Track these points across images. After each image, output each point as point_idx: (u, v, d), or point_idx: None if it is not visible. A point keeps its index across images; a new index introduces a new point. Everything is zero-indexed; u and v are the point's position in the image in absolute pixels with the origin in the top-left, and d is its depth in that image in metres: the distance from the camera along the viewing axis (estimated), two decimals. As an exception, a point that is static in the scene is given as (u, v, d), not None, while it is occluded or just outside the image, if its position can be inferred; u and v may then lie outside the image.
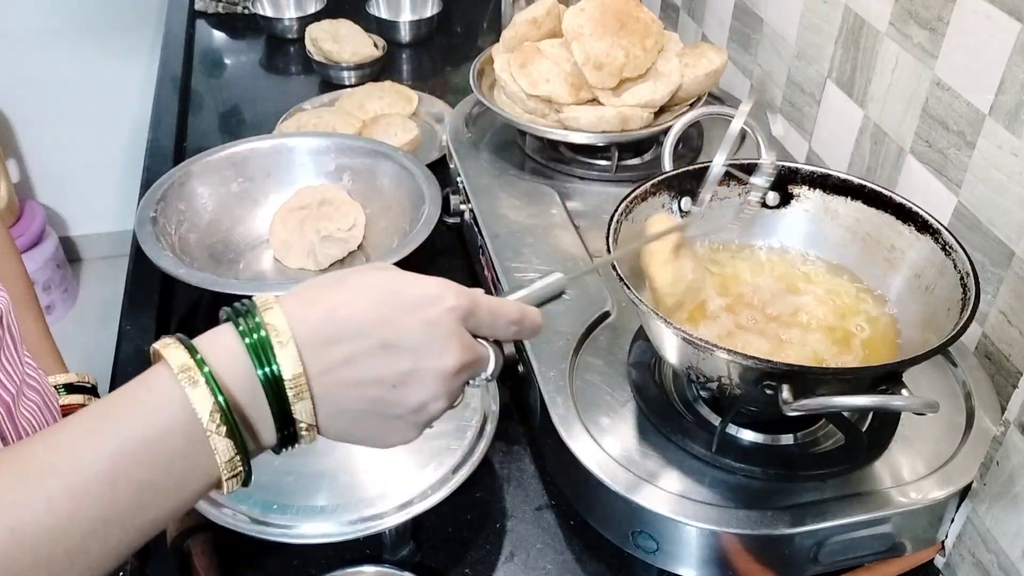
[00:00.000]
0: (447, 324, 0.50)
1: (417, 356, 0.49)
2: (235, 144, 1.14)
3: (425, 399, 0.50)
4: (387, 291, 0.49)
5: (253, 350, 0.46)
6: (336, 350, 0.47)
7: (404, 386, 0.49)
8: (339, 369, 0.48)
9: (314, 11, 1.70)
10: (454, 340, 0.50)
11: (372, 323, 0.48)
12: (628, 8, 1.02)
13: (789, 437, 0.75)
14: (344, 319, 0.48)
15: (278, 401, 0.47)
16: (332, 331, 0.47)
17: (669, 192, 0.81)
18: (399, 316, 0.48)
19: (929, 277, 0.73)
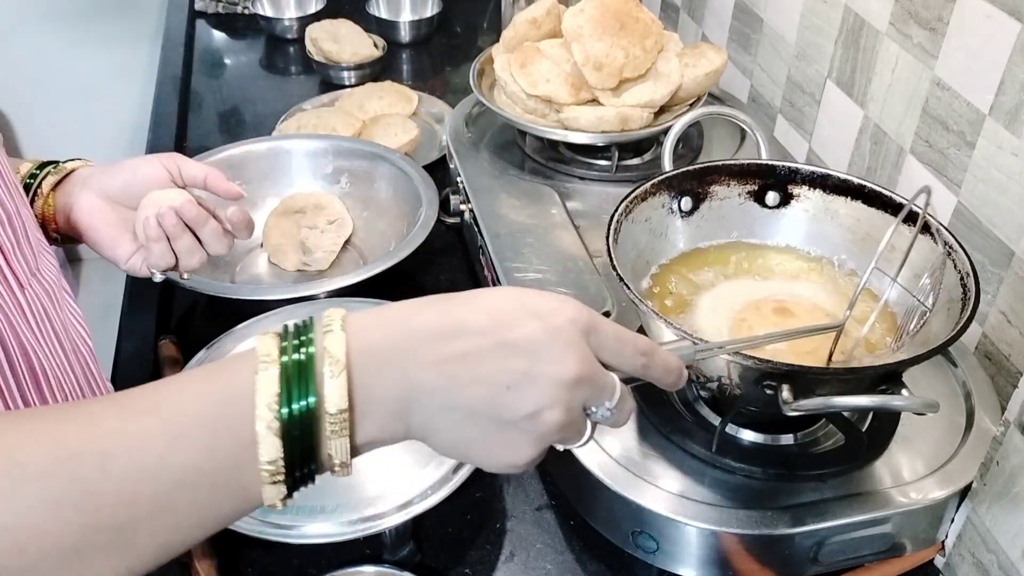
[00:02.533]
0: (569, 333, 0.48)
1: (535, 359, 0.47)
2: (232, 146, 1.14)
3: (539, 405, 0.47)
4: (509, 297, 0.49)
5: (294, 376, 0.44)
6: (454, 343, 0.46)
7: (518, 388, 0.47)
8: (454, 362, 0.46)
9: (314, 11, 1.70)
10: (574, 349, 0.48)
11: (492, 323, 0.47)
12: (628, 8, 1.02)
13: (789, 437, 0.75)
14: (463, 316, 0.47)
15: None
16: (450, 325, 0.47)
17: (669, 192, 0.81)
18: (520, 319, 0.48)
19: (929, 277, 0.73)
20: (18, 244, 0.67)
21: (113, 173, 0.81)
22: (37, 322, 0.68)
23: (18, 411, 0.50)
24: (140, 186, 0.80)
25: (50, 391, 0.67)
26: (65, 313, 0.73)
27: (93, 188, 0.80)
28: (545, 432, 0.48)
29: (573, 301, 0.50)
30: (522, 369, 0.47)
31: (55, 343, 0.70)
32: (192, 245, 0.80)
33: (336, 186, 1.16)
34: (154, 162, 0.81)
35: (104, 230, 0.81)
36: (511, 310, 0.48)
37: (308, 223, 1.10)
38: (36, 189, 0.80)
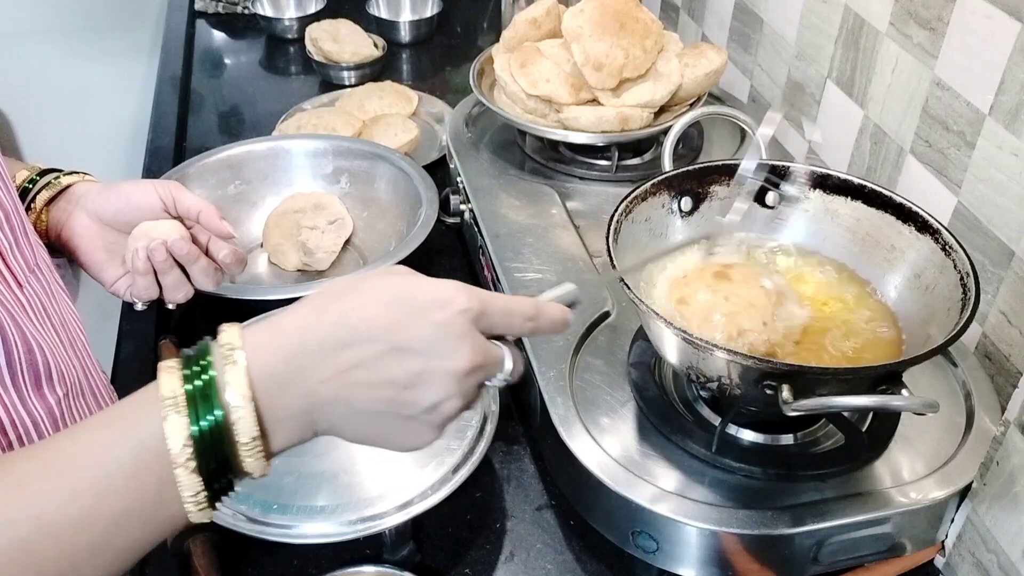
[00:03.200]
0: (458, 326, 0.50)
1: (428, 357, 0.50)
2: (232, 146, 1.14)
3: (437, 399, 0.51)
4: (399, 295, 0.50)
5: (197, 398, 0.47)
6: (348, 353, 0.49)
7: (416, 387, 0.50)
8: (351, 371, 0.49)
9: (314, 11, 1.70)
10: (465, 341, 0.50)
11: (383, 327, 0.49)
12: (628, 8, 1.02)
13: (789, 437, 0.75)
14: (355, 324, 0.49)
15: None
16: (343, 335, 0.49)
17: (669, 192, 0.81)
18: (410, 319, 0.49)
19: (929, 277, 0.73)
20: (16, 242, 0.67)
21: (107, 197, 0.80)
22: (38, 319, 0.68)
23: None
24: (133, 213, 0.79)
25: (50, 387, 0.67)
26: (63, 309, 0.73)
27: (87, 209, 0.80)
28: (445, 418, 0.52)
29: (462, 289, 0.51)
30: (416, 369, 0.49)
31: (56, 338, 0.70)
32: (179, 280, 0.80)
33: (336, 186, 1.16)
34: (149, 189, 0.80)
35: (93, 253, 0.81)
36: (402, 311, 0.50)
37: (308, 223, 1.10)
38: (30, 202, 0.79)
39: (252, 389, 0.47)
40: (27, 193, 0.79)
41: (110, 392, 0.80)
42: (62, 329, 0.72)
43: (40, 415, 0.65)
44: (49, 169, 0.82)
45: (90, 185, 0.82)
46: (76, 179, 0.82)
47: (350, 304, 0.50)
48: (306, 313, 0.50)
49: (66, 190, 0.81)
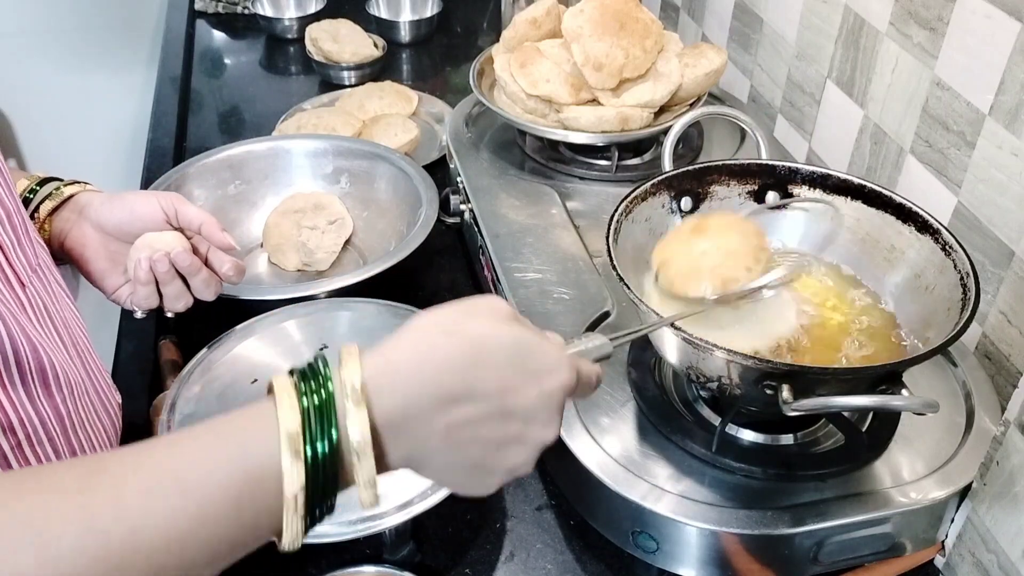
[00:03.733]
0: (559, 399, 0.52)
1: (527, 424, 0.51)
2: (232, 146, 1.14)
3: (521, 462, 0.53)
4: (516, 355, 0.51)
5: None
6: (461, 410, 0.49)
7: (507, 448, 0.51)
8: (458, 428, 0.49)
9: (314, 11, 1.70)
10: (558, 415, 0.53)
11: (498, 389, 0.50)
12: (628, 9, 1.02)
13: (789, 437, 0.75)
14: (472, 381, 0.49)
15: None
16: (460, 391, 0.49)
17: (669, 192, 0.81)
18: (523, 384, 0.50)
19: (929, 277, 0.73)
20: (18, 242, 0.67)
21: (111, 208, 0.80)
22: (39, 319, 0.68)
23: (36, 470, 0.50)
24: (136, 224, 0.80)
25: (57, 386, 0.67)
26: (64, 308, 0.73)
27: (90, 219, 0.80)
28: (515, 475, 0.53)
29: (566, 360, 0.53)
30: (515, 434, 0.51)
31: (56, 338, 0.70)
32: (180, 291, 0.80)
33: (336, 186, 1.16)
34: (152, 201, 0.80)
35: (96, 263, 0.81)
36: (515, 372, 0.50)
37: (308, 223, 1.10)
38: (34, 212, 0.79)
39: (373, 434, 0.47)
40: (28, 203, 0.79)
41: (113, 392, 0.80)
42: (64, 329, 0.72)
43: (47, 414, 0.65)
44: (49, 178, 0.82)
45: (93, 195, 0.82)
46: (78, 188, 0.82)
47: (471, 353, 0.49)
48: (426, 353, 0.49)
49: (69, 200, 0.81)
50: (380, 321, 0.88)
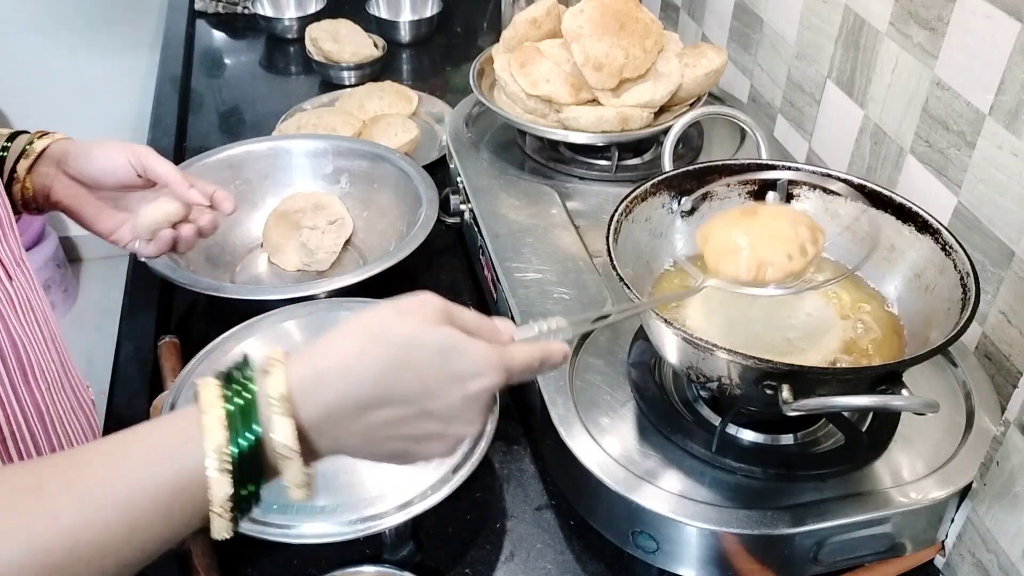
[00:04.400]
0: (482, 400, 0.53)
1: (448, 424, 0.53)
2: (232, 146, 1.14)
3: (441, 452, 0.55)
4: (439, 359, 0.52)
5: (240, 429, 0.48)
6: (381, 413, 0.51)
7: (428, 443, 0.54)
8: (379, 428, 0.52)
9: (314, 11, 1.70)
10: (484, 414, 0.55)
11: (419, 393, 0.51)
12: (628, 9, 1.02)
13: (789, 437, 0.75)
14: (394, 388, 0.51)
15: None
16: (382, 396, 0.51)
17: (669, 192, 0.81)
18: (445, 388, 0.52)
19: (929, 277, 0.73)
20: (3, 235, 0.67)
21: (85, 162, 0.83)
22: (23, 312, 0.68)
23: None
24: (109, 178, 0.84)
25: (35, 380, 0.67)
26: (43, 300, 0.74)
27: (68, 172, 0.83)
28: (435, 459, 0.55)
29: (494, 361, 0.53)
30: (435, 431, 0.53)
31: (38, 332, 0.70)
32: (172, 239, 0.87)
33: (336, 186, 1.16)
34: (120, 158, 0.84)
35: (85, 209, 0.85)
36: (439, 378, 0.52)
37: (308, 223, 1.10)
38: (12, 172, 0.82)
39: (298, 442, 0.49)
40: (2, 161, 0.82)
41: (85, 387, 0.81)
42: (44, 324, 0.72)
43: (29, 409, 0.66)
44: (15, 132, 0.84)
45: (64, 145, 0.84)
46: (47, 141, 0.85)
47: (393, 362, 0.51)
48: (348, 361, 0.51)
49: (42, 154, 0.83)
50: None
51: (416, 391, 0.51)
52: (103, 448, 0.49)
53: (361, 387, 0.50)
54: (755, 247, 0.68)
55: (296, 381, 0.49)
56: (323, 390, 0.50)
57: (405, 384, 0.51)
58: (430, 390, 0.51)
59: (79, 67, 2.47)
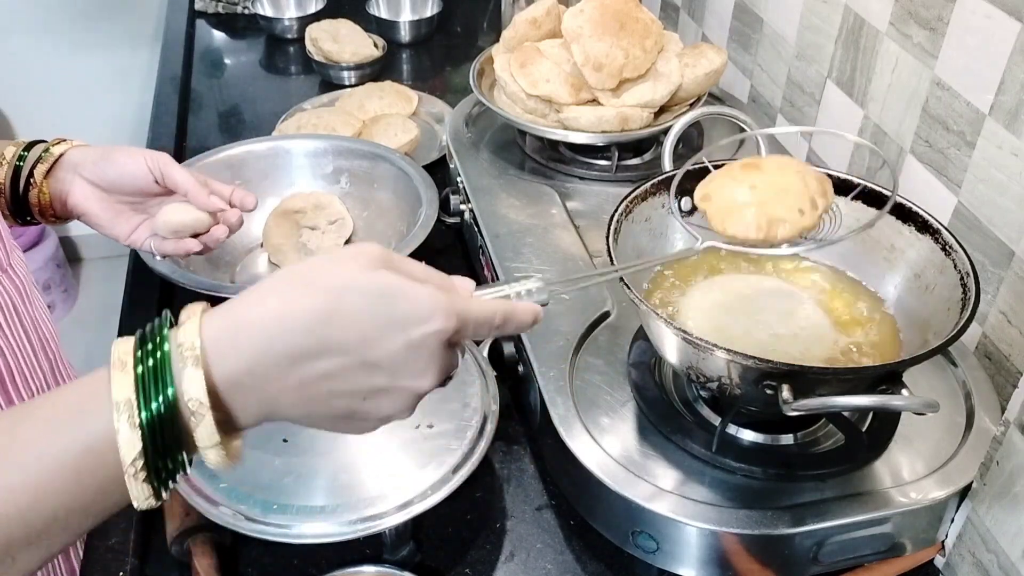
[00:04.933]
0: (431, 347, 0.49)
1: (394, 375, 0.49)
2: (232, 146, 1.14)
3: (393, 412, 0.51)
4: (376, 304, 0.48)
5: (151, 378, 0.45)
6: (316, 364, 0.47)
7: (375, 399, 0.49)
8: (316, 383, 0.48)
9: (314, 11, 1.70)
10: (434, 364, 0.50)
11: (356, 341, 0.47)
12: (627, 9, 1.02)
13: (789, 437, 0.75)
14: (327, 335, 0.47)
15: None
16: (313, 346, 0.47)
17: (669, 192, 0.80)
18: (384, 335, 0.48)
19: (929, 277, 0.73)
20: None
21: (103, 168, 0.83)
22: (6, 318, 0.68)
23: None
24: (127, 182, 0.84)
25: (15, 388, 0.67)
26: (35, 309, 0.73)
27: (86, 177, 0.83)
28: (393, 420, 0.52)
29: (441, 305, 0.49)
30: (381, 384, 0.49)
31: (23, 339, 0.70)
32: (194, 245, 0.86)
33: (336, 186, 1.16)
34: (140, 161, 0.83)
35: (102, 214, 0.84)
36: (377, 324, 0.47)
37: (308, 223, 1.10)
38: (29, 178, 0.81)
39: (213, 396, 0.45)
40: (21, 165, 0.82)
41: None
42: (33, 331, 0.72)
43: None
44: (34, 141, 0.84)
45: (82, 151, 0.84)
46: (65, 147, 0.85)
47: (324, 308, 0.47)
48: (275, 310, 0.47)
49: (59, 159, 0.83)
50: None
51: (353, 339, 0.47)
52: (14, 415, 0.46)
53: (289, 336, 0.46)
54: (763, 203, 0.63)
55: (212, 332, 0.46)
56: (244, 341, 0.46)
57: (339, 331, 0.47)
58: (368, 338, 0.47)
59: (78, 67, 2.47)
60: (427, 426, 0.75)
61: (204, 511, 0.70)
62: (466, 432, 0.75)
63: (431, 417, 0.76)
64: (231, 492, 0.70)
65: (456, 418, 0.76)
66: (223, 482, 0.70)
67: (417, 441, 0.74)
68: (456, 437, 0.75)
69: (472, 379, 0.79)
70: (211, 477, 0.70)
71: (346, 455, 0.74)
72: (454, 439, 0.75)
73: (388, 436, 0.74)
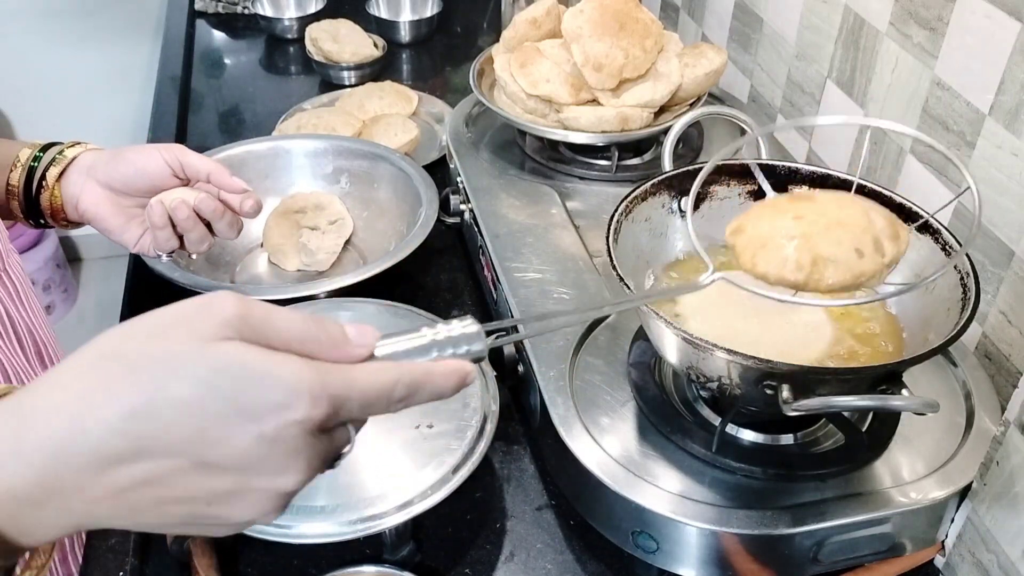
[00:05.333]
0: (291, 440, 0.39)
1: (244, 476, 0.39)
2: (232, 146, 1.14)
3: (252, 517, 0.41)
4: (212, 391, 0.37)
5: None
6: (131, 470, 0.38)
7: (224, 504, 0.40)
8: (136, 490, 0.38)
9: (314, 11, 1.70)
10: (299, 458, 0.39)
11: (186, 440, 0.37)
12: (627, 9, 1.02)
13: (789, 437, 0.75)
14: (143, 433, 0.37)
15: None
16: (125, 448, 0.37)
17: (669, 192, 0.81)
18: (225, 429, 0.38)
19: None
20: None
21: (116, 166, 0.82)
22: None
23: None
24: (142, 179, 0.82)
25: None
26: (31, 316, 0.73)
27: (98, 180, 0.82)
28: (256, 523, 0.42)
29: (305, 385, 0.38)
30: (228, 488, 0.39)
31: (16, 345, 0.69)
32: (203, 235, 0.83)
33: (336, 186, 1.16)
34: (155, 155, 0.82)
35: (112, 219, 0.83)
36: (215, 414, 0.37)
37: (308, 223, 1.10)
38: (41, 179, 0.81)
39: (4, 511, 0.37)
40: (36, 165, 0.81)
41: None
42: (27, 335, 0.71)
43: None
44: (50, 143, 0.84)
45: (96, 154, 0.84)
46: (80, 150, 0.84)
47: (138, 401, 0.37)
48: (72, 405, 0.37)
49: (72, 162, 0.83)
50: (380, 321, 0.88)
51: (182, 437, 0.37)
52: None
53: (91, 438, 0.37)
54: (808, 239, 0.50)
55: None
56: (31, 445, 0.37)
57: (160, 429, 0.37)
58: (205, 435, 0.37)
59: (79, 66, 2.47)
60: (427, 426, 0.75)
61: (204, 511, 0.70)
62: (466, 432, 0.75)
63: (431, 417, 0.76)
64: None
65: (456, 418, 0.76)
66: (223, 482, 0.70)
67: (417, 441, 0.74)
68: (456, 437, 0.75)
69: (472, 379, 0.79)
70: (211, 477, 0.70)
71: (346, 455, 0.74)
72: (454, 439, 0.75)
73: (388, 436, 0.74)
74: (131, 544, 0.76)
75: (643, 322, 0.76)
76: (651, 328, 0.72)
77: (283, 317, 0.40)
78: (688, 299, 0.76)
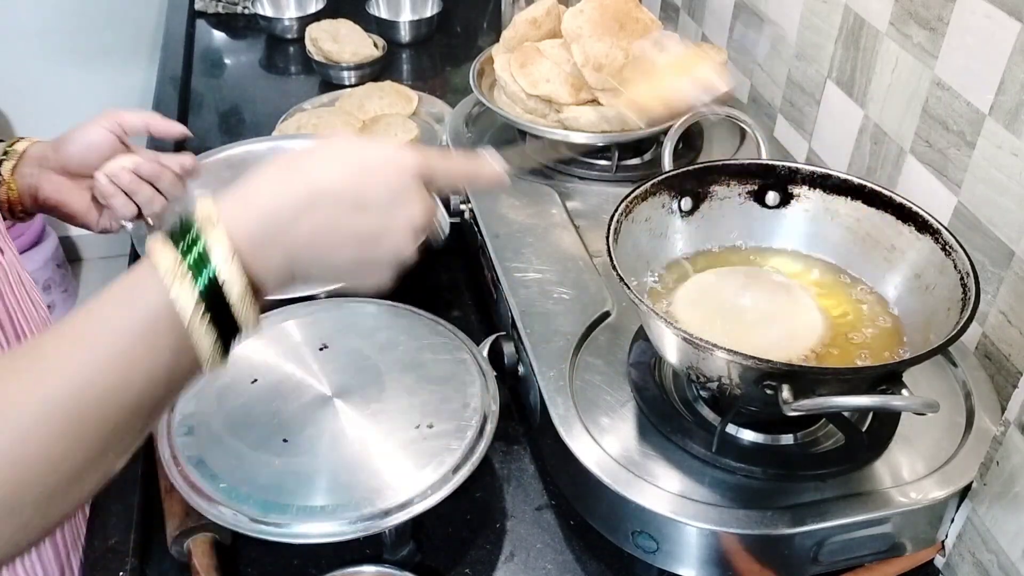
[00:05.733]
0: (408, 182, 0.56)
1: (386, 213, 0.55)
2: (232, 146, 1.14)
3: (401, 247, 0.57)
4: (353, 158, 0.56)
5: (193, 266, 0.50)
6: (317, 214, 0.53)
7: (380, 239, 0.56)
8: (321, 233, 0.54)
9: (314, 11, 1.70)
10: (416, 196, 0.57)
11: (344, 188, 0.54)
12: (627, 9, 1.02)
13: (789, 437, 0.75)
14: (320, 187, 0.54)
15: None
16: (310, 198, 0.53)
17: (669, 192, 0.81)
18: (365, 179, 0.55)
19: (929, 277, 0.73)
20: None
21: (66, 149, 0.85)
22: None
23: None
24: (93, 154, 0.85)
25: None
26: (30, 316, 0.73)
27: (53, 168, 0.85)
28: (401, 259, 0.58)
29: (404, 148, 0.57)
30: (376, 223, 0.55)
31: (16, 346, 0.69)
32: (151, 195, 0.87)
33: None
34: (96, 128, 0.86)
35: (72, 205, 0.86)
36: (357, 171, 0.55)
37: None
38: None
39: (235, 251, 0.50)
40: None
41: None
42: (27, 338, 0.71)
43: None
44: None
45: (44, 145, 0.87)
46: (27, 143, 0.87)
47: (314, 169, 0.54)
48: (274, 179, 0.54)
49: (23, 155, 0.85)
50: (380, 321, 0.88)
51: (340, 187, 0.54)
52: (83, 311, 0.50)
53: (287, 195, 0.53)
54: None
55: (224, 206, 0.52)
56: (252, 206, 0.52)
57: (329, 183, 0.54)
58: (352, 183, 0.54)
59: (79, 67, 2.46)
60: (427, 426, 0.75)
61: (204, 511, 0.70)
62: (466, 432, 0.75)
63: (431, 417, 0.76)
64: (231, 492, 0.70)
65: (456, 418, 0.76)
66: (223, 482, 0.70)
67: (417, 441, 0.74)
68: (456, 437, 0.75)
69: (472, 379, 0.79)
70: (211, 477, 0.71)
71: (346, 455, 0.74)
72: (454, 439, 0.75)
73: (388, 436, 0.74)
74: (131, 544, 0.76)
75: (643, 322, 0.76)
76: (651, 328, 0.72)
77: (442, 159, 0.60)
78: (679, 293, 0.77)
